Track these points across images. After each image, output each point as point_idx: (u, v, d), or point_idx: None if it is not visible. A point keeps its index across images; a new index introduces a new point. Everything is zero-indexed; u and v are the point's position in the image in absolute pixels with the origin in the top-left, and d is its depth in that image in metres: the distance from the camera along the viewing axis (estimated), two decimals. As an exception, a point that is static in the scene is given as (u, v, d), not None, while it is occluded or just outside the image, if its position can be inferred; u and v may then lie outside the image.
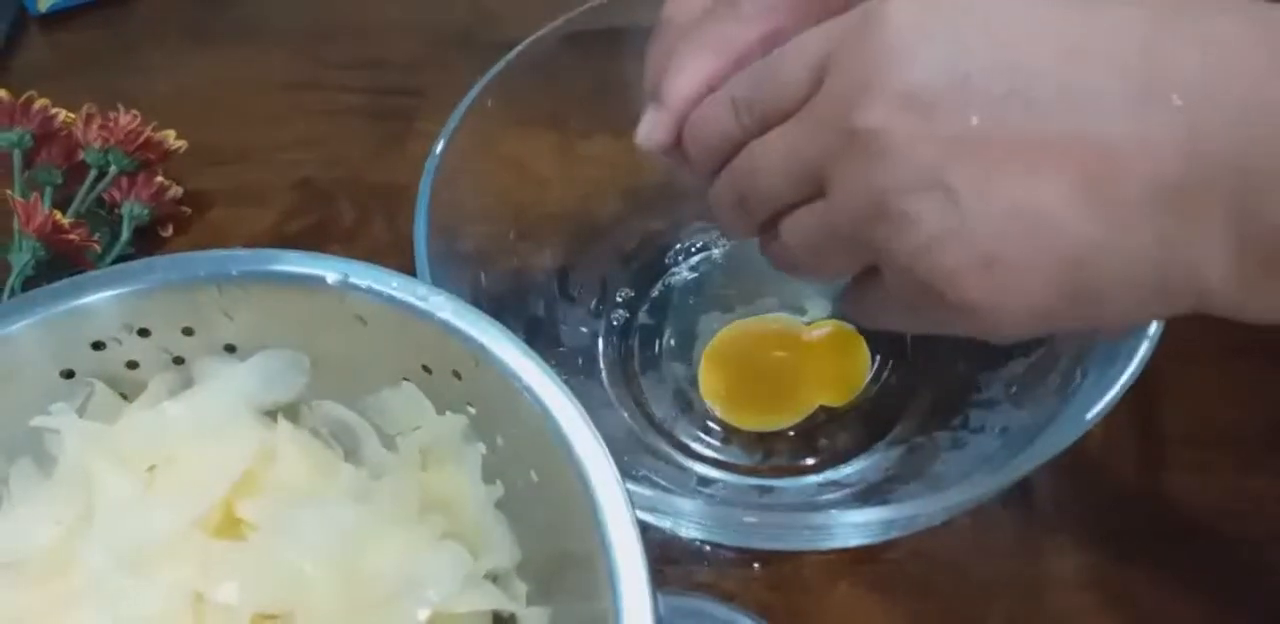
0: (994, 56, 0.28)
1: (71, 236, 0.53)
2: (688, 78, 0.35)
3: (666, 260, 0.55)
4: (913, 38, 0.29)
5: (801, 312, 0.52)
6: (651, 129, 0.36)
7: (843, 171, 0.30)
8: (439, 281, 0.41)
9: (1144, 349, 0.38)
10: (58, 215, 0.53)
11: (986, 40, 0.28)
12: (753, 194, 0.34)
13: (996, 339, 0.32)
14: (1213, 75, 0.27)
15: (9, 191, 0.55)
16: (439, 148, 0.45)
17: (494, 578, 0.35)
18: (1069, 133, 0.28)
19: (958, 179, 0.28)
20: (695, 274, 0.54)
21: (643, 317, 0.53)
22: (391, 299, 0.34)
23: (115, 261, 0.56)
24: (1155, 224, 0.28)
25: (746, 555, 0.46)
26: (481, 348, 0.33)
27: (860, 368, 0.50)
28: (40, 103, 0.57)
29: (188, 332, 0.36)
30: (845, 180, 0.30)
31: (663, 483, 0.47)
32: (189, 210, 0.59)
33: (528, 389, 0.32)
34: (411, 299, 0.34)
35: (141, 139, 0.57)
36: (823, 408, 0.49)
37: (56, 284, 0.35)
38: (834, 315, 0.51)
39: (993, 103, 0.28)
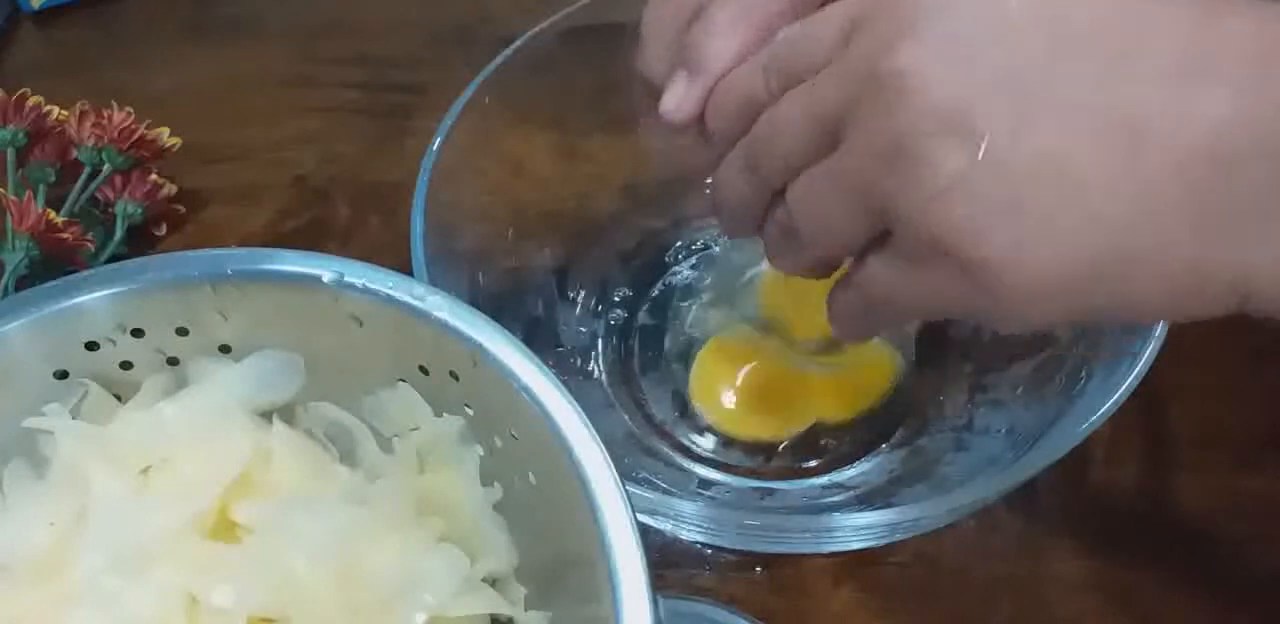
0: (1037, 15, 0.27)
1: (65, 235, 0.52)
2: (729, 45, 0.34)
3: (666, 260, 0.55)
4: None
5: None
6: (683, 99, 0.35)
7: (862, 115, 0.29)
8: (436, 281, 0.40)
9: (1149, 351, 0.38)
10: (51, 214, 0.53)
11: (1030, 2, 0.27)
12: (766, 156, 0.32)
13: (1009, 324, 0.31)
14: (1266, 55, 0.26)
15: (1, 190, 0.55)
16: (436, 145, 0.44)
17: (492, 581, 0.35)
18: (1108, 98, 0.27)
19: (986, 120, 0.27)
20: (695, 274, 0.54)
21: (642, 316, 0.53)
22: (388, 299, 0.34)
23: (109, 261, 0.55)
24: (1189, 206, 0.26)
25: (748, 559, 0.46)
26: (479, 348, 0.32)
27: (877, 384, 0.49)
28: (33, 100, 0.56)
29: (182, 332, 0.36)
30: (863, 123, 0.29)
31: (663, 485, 0.47)
32: (183, 209, 0.59)
33: (526, 390, 0.32)
34: (408, 299, 0.34)
35: (135, 137, 0.56)
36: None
37: (49, 284, 0.35)
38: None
39: (1032, 59, 0.27)
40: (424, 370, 0.35)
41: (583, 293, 0.53)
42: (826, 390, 0.49)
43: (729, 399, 0.49)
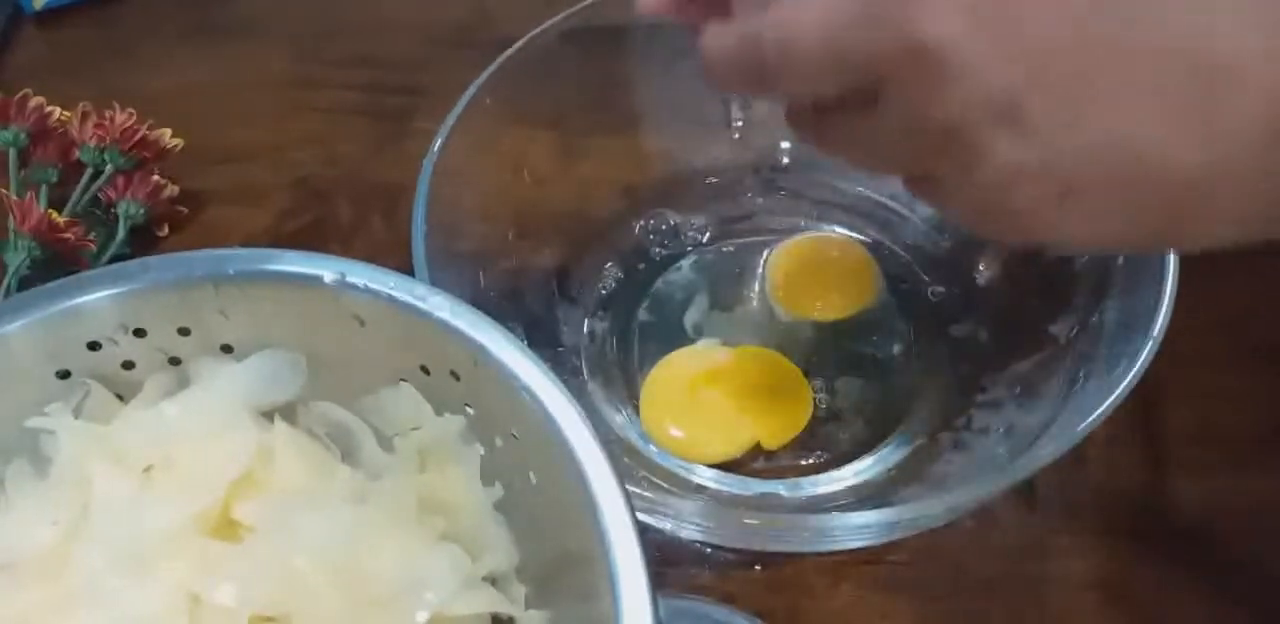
0: None
1: (67, 236, 0.52)
2: None
3: (666, 259, 0.55)
4: None
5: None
6: None
7: (903, 85, 0.26)
8: (437, 281, 0.41)
9: (1147, 351, 0.38)
10: (53, 214, 0.53)
11: None
12: (780, 72, 0.28)
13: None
14: None
15: (4, 190, 0.55)
16: (437, 146, 0.45)
17: (493, 580, 0.35)
18: (1173, 45, 0.24)
19: (1038, 104, 0.25)
20: (695, 273, 0.54)
21: (642, 315, 0.53)
22: (389, 299, 0.34)
23: (111, 261, 0.55)
24: (1263, 153, 0.25)
25: (747, 557, 0.46)
26: (480, 348, 0.32)
27: (800, 412, 0.49)
28: (36, 101, 0.56)
29: (184, 332, 0.36)
30: (906, 96, 0.27)
31: (663, 484, 0.47)
32: (185, 209, 0.59)
33: (527, 389, 0.32)
34: (409, 299, 0.34)
35: (137, 137, 0.56)
36: (824, 406, 0.49)
37: (52, 284, 0.35)
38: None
39: (1084, 11, 0.24)
40: (425, 370, 0.35)
41: (583, 293, 0.53)
42: (761, 416, 0.49)
43: (676, 431, 0.49)
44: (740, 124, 0.55)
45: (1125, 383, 0.37)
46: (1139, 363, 0.38)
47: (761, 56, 0.28)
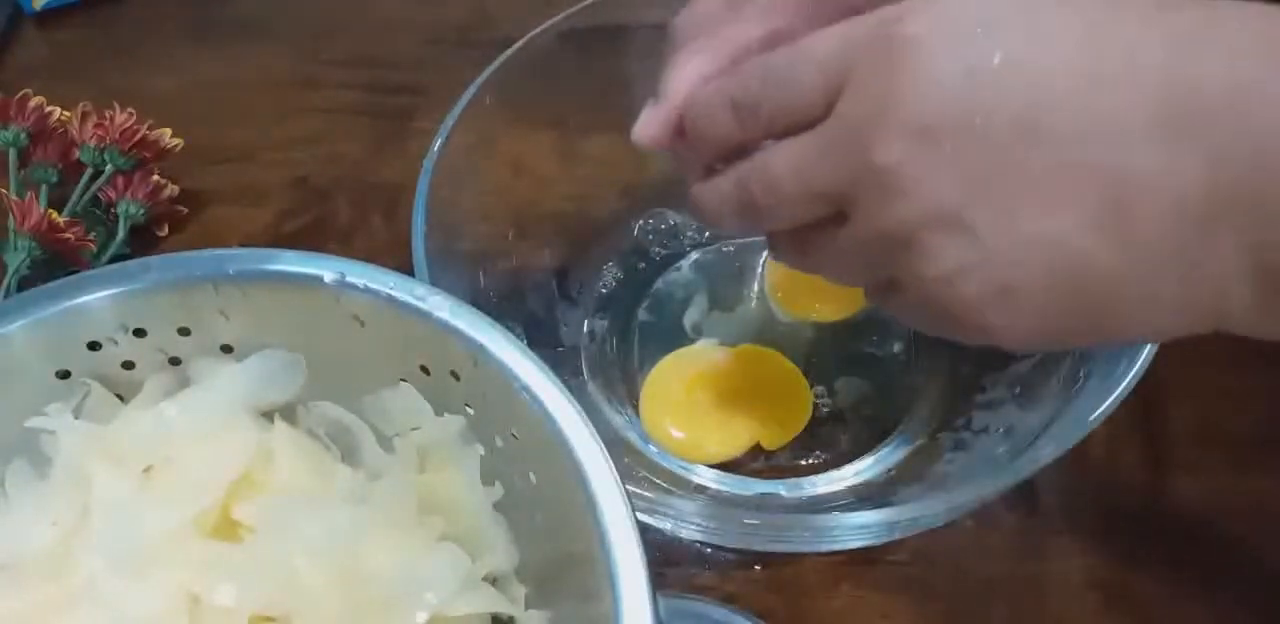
0: (1013, 87, 0.28)
1: (67, 236, 0.52)
2: (686, 74, 0.35)
3: (665, 259, 0.55)
4: (931, 65, 0.29)
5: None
6: (646, 125, 0.36)
7: (864, 205, 0.31)
8: (437, 281, 0.40)
9: (1147, 351, 0.38)
10: (53, 214, 0.53)
11: (1006, 69, 0.28)
12: (765, 211, 0.34)
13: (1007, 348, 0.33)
14: (1234, 104, 0.26)
15: (4, 190, 0.55)
16: (437, 146, 0.44)
17: (493, 580, 0.35)
18: (1088, 163, 0.28)
19: (977, 215, 0.29)
20: (695, 273, 0.54)
21: (642, 315, 0.53)
22: (389, 299, 0.34)
23: (111, 261, 0.55)
24: (1175, 253, 0.28)
25: (747, 557, 0.46)
26: (480, 348, 0.32)
27: (799, 412, 0.49)
28: (36, 101, 0.56)
29: (184, 332, 0.36)
30: (867, 213, 0.31)
31: (663, 484, 0.47)
32: (185, 209, 0.59)
33: (526, 389, 0.32)
34: (409, 299, 0.34)
35: (137, 137, 0.56)
36: (824, 406, 0.49)
37: (52, 284, 0.35)
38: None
39: (1012, 136, 0.28)
40: (425, 370, 0.35)
41: (583, 293, 0.53)
42: (761, 416, 0.49)
43: (675, 432, 0.49)
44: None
45: (1125, 382, 0.37)
46: (1139, 362, 0.38)
47: (752, 198, 0.33)
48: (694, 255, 0.55)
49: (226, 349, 0.37)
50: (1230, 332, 0.29)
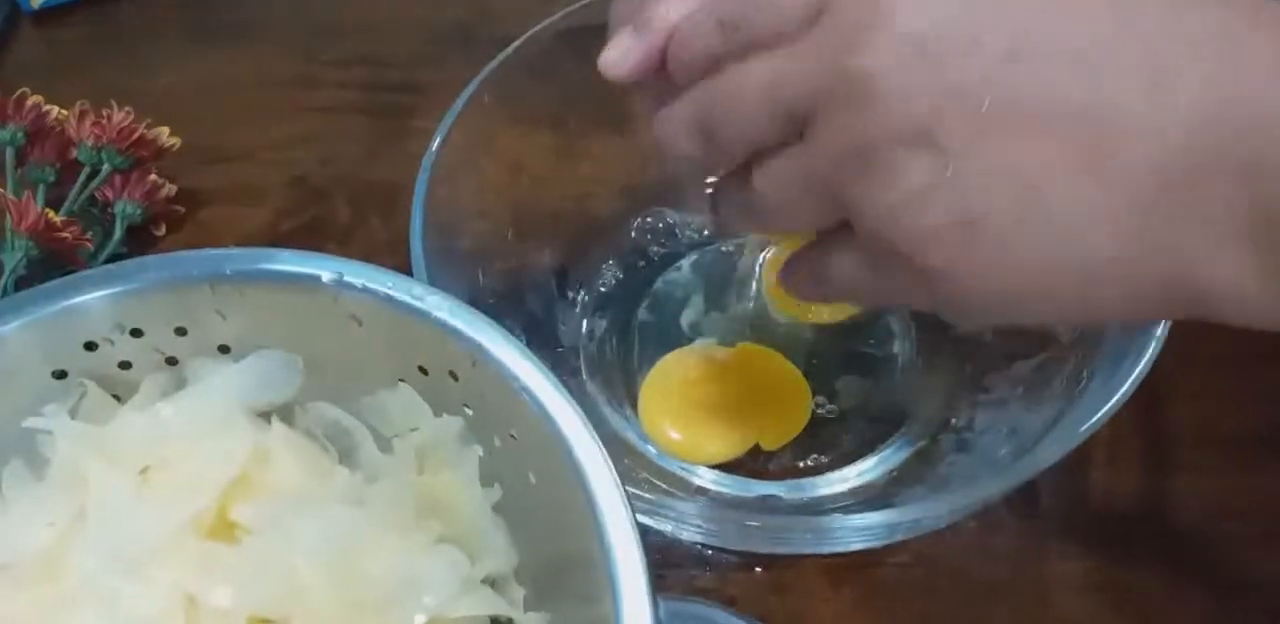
0: (1007, 17, 0.27)
1: (64, 235, 0.52)
2: (678, 6, 0.33)
3: (665, 259, 0.54)
4: None
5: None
6: (623, 56, 0.34)
7: (829, 113, 0.29)
8: (435, 281, 0.40)
9: (1150, 351, 0.38)
10: (50, 214, 0.53)
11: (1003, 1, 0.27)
12: (725, 125, 0.31)
13: (967, 323, 0.31)
14: (1229, 65, 0.26)
15: (1, 190, 0.55)
16: (435, 145, 0.44)
17: (492, 582, 0.35)
18: (1074, 106, 0.27)
19: (949, 134, 0.27)
20: (694, 272, 0.54)
21: (642, 315, 0.53)
22: (387, 299, 0.34)
23: (108, 261, 0.55)
24: (1152, 214, 0.27)
25: (748, 559, 0.46)
26: (479, 348, 0.32)
27: (799, 413, 0.49)
28: (33, 100, 0.56)
29: (181, 332, 0.36)
30: (830, 123, 0.29)
31: (663, 485, 0.47)
32: (182, 209, 0.59)
33: (526, 390, 0.31)
34: (407, 299, 0.33)
35: (135, 137, 0.56)
36: (825, 407, 0.49)
37: (48, 284, 0.35)
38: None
39: (999, 63, 0.27)
40: (423, 370, 0.35)
41: (583, 293, 0.53)
42: (763, 418, 0.48)
43: (674, 433, 0.49)
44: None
45: (1129, 383, 0.37)
46: (1142, 363, 0.38)
47: (710, 116, 0.31)
48: (693, 255, 0.55)
49: (224, 349, 0.37)
50: (1217, 316, 0.28)
